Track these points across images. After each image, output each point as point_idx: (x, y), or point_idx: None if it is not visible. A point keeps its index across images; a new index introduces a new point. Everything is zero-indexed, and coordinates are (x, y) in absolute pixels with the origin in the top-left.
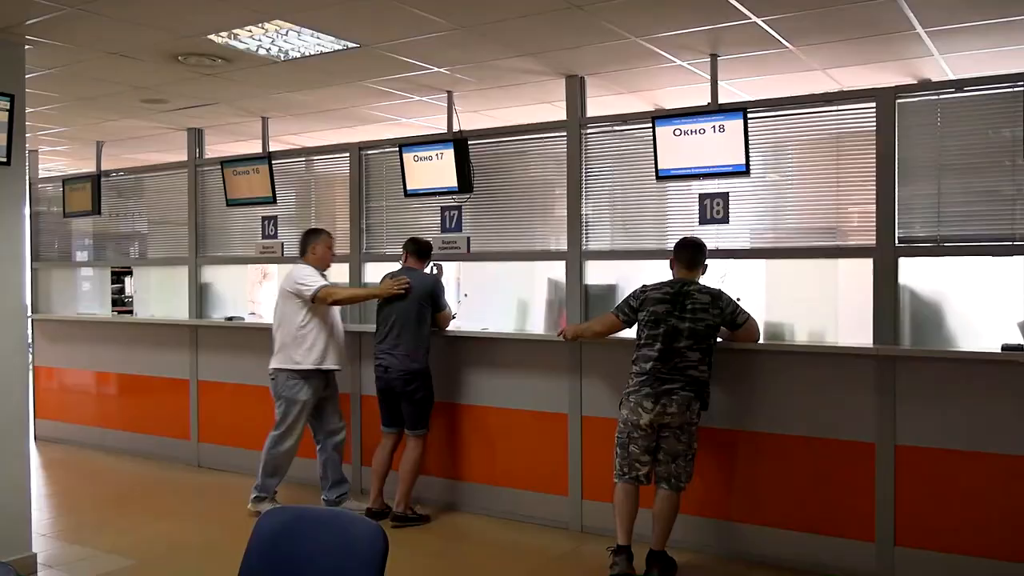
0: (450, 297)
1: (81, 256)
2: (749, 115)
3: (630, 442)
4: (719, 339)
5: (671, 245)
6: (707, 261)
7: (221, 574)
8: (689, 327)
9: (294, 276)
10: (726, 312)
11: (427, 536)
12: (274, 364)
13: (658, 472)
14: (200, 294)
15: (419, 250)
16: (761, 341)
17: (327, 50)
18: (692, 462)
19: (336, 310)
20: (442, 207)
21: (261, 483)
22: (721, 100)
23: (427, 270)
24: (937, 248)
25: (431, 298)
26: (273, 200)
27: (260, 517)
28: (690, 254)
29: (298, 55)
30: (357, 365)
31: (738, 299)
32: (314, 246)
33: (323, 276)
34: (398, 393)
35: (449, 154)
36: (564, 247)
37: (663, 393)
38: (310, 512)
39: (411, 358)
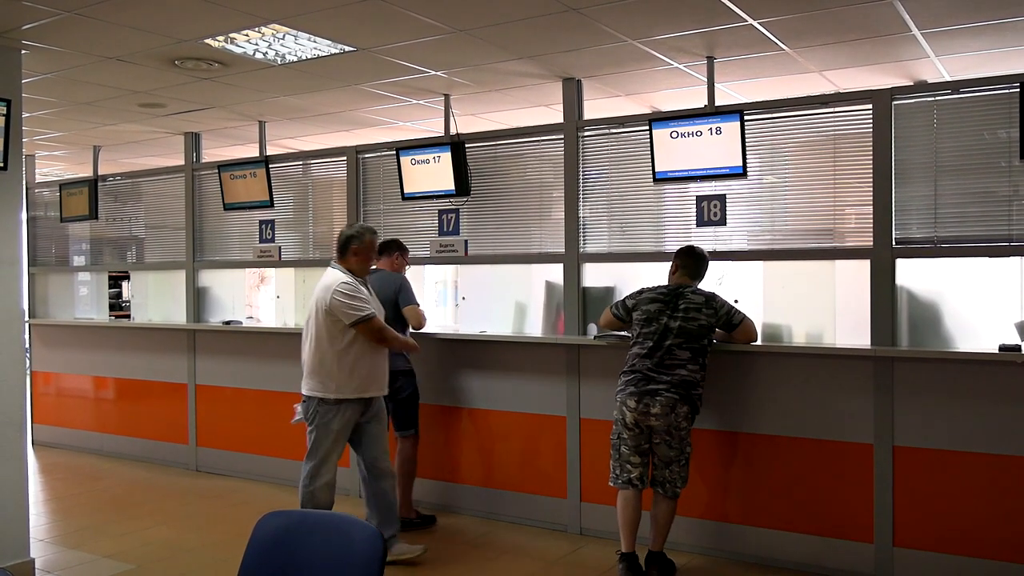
0: (447, 300)
1: (78, 261)
2: (746, 117)
3: (621, 443)
4: (715, 340)
5: (669, 247)
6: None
7: None
8: (680, 325)
9: (336, 294)
10: (720, 313)
11: (426, 539)
12: (306, 390)
13: (654, 476)
14: (198, 298)
15: (378, 250)
16: (759, 342)
17: (324, 54)
18: (686, 467)
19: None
20: (439, 210)
21: None
22: (718, 102)
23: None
24: (934, 249)
25: (396, 298)
26: (270, 204)
27: (259, 521)
28: (697, 264)
29: (295, 59)
30: None
31: (736, 301)
32: (357, 249)
33: (363, 285)
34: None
35: (446, 157)
36: (562, 249)
37: (647, 392)
38: (309, 516)
39: (395, 360)
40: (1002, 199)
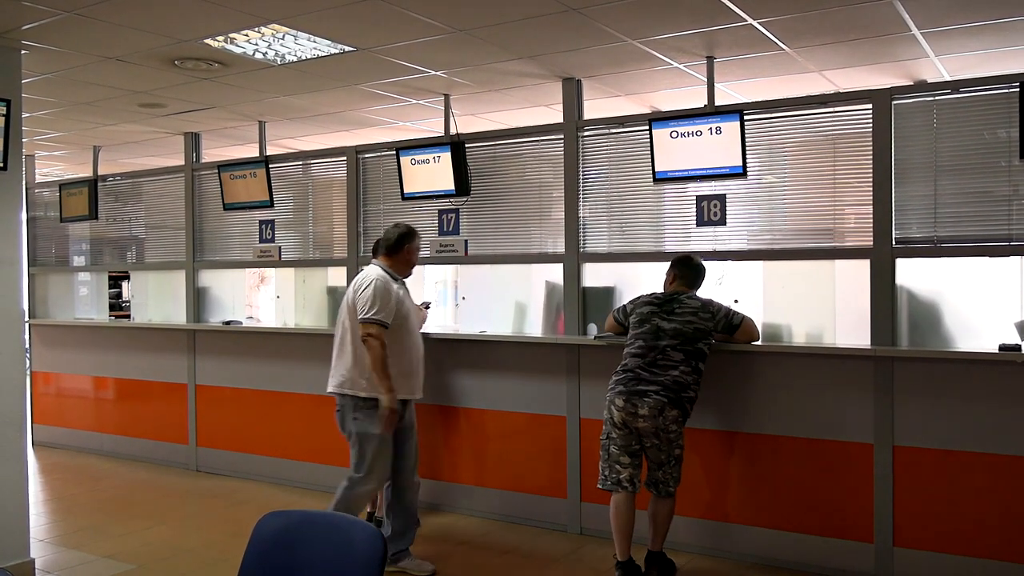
0: (447, 300)
1: (78, 261)
2: (746, 117)
3: (610, 443)
4: (713, 341)
5: (669, 247)
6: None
7: None
8: (674, 328)
9: (366, 285)
10: (718, 316)
11: (426, 540)
12: (334, 387)
13: (647, 477)
14: (197, 298)
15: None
16: (759, 342)
17: (324, 54)
18: (676, 467)
19: (415, 322)
20: (439, 210)
21: None
22: (718, 102)
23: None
24: (934, 249)
25: None
26: (270, 204)
27: (259, 521)
28: (694, 273)
29: (295, 59)
30: None
31: (736, 301)
32: (410, 248)
33: (401, 283)
34: None
35: (446, 157)
36: (561, 249)
37: (635, 393)
38: (309, 516)
39: None
40: (1002, 199)
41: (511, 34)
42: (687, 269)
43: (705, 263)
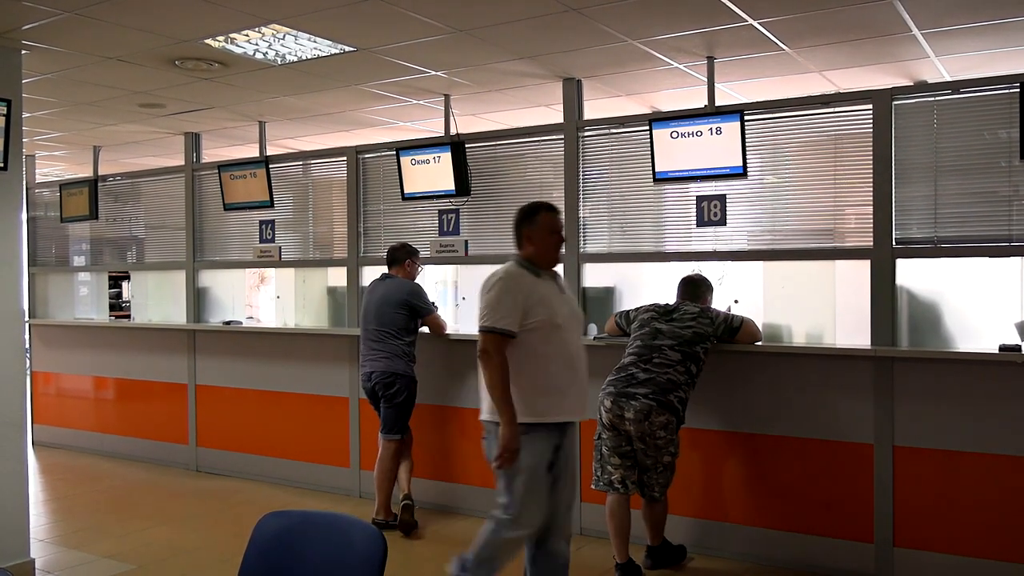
0: (447, 300)
1: (78, 261)
2: (746, 117)
3: (601, 443)
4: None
5: (669, 247)
6: (712, 295)
7: None
8: (671, 328)
9: (483, 289)
10: (717, 322)
11: (424, 540)
12: (484, 415)
13: (637, 478)
14: (198, 298)
15: (388, 259)
16: (760, 342)
17: (324, 54)
18: (665, 474)
19: (569, 324)
20: (439, 210)
21: (473, 568)
22: (718, 102)
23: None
24: (934, 249)
25: (407, 305)
26: (271, 204)
27: (259, 521)
28: (695, 287)
29: (295, 59)
30: (356, 367)
31: (736, 301)
32: (530, 234)
33: (549, 276)
34: (380, 396)
35: (446, 157)
36: (562, 250)
37: (623, 395)
38: (310, 516)
39: (392, 362)
40: (1002, 199)
41: (511, 34)
42: (688, 284)
43: (705, 263)
